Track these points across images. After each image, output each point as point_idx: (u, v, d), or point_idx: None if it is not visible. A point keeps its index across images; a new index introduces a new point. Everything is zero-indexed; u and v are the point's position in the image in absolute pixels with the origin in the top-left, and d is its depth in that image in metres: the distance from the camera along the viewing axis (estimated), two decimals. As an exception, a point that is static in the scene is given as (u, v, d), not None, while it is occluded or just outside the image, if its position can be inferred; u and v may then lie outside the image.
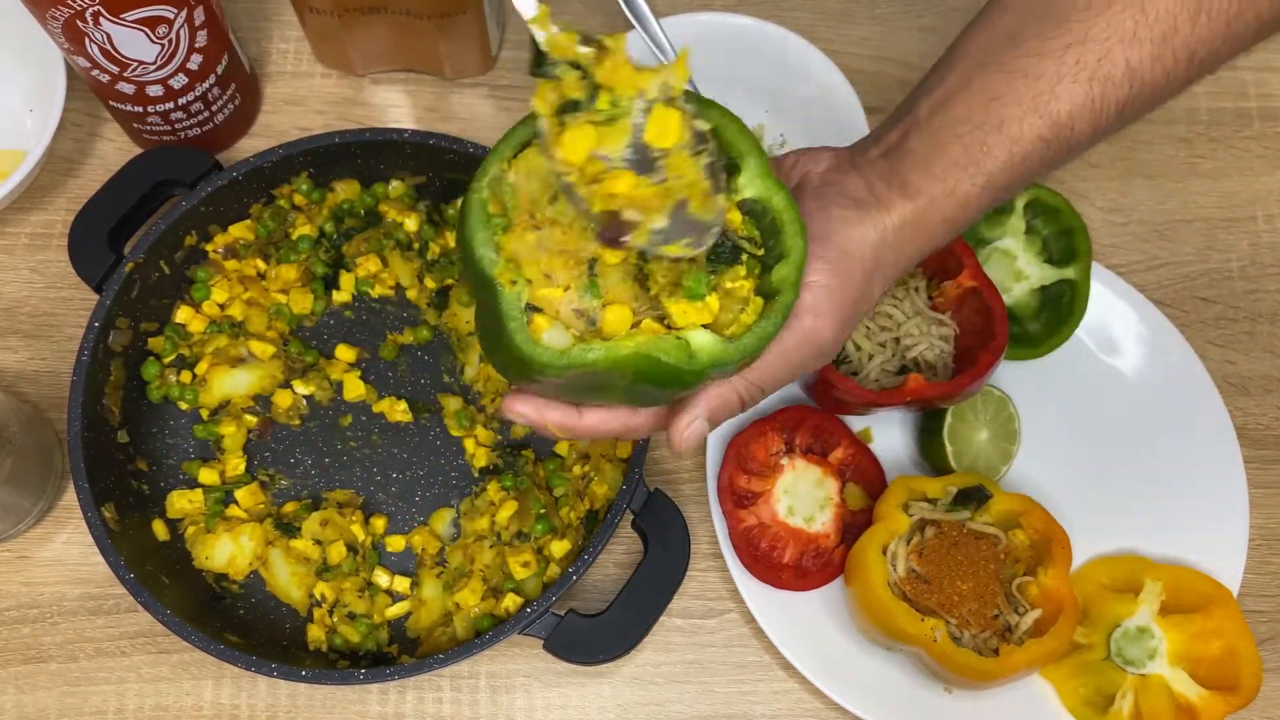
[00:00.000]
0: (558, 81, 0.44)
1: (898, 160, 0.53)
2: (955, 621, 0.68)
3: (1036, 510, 0.70)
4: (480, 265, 0.46)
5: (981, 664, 0.66)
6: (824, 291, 0.50)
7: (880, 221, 0.52)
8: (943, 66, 0.54)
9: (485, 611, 0.71)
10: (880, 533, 0.69)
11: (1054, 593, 0.68)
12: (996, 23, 0.53)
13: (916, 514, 0.70)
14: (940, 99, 0.53)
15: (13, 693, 0.72)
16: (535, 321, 0.46)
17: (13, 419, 0.70)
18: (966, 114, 0.52)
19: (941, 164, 0.52)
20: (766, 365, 0.50)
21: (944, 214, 0.53)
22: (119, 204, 0.73)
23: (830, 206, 0.52)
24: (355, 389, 0.76)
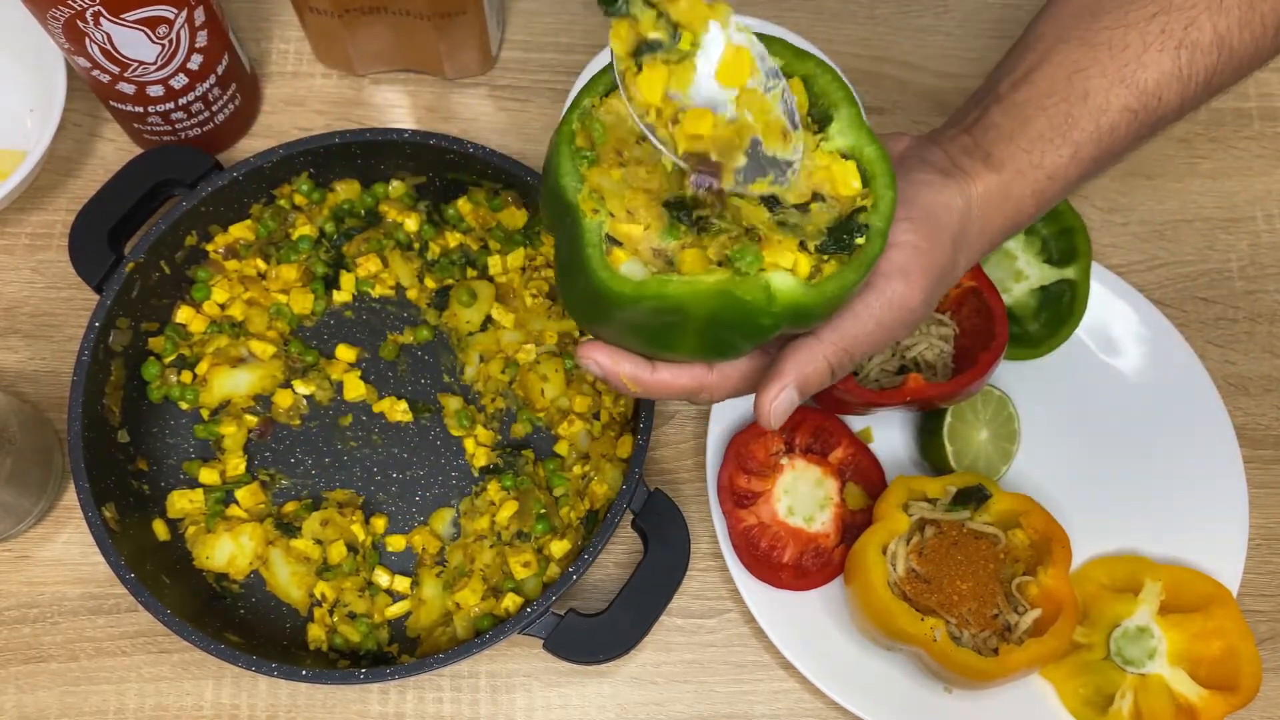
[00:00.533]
0: (633, 20, 0.43)
1: (980, 134, 0.52)
2: (955, 621, 0.68)
3: (1036, 510, 0.70)
4: (564, 193, 0.46)
5: (981, 663, 0.66)
6: (912, 251, 0.49)
7: (965, 189, 0.51)
8: (1020, 46, 0.54)
9: (485, 611, 0.71)
10: (880, 532, 0.69)
11: (1054, 592, 0.68)
12: (1066, 5, 0.53)
13: (916, 514, 0.70)
14: (1021, 75, 0.52)
15: (13, 692, 0.72)
16: (614, 254, 0.46)
17: (13, 419, 0.70)
18: (1050, 87, 0.51)
19: (1026, 136, 0.51)
20: (856, 330, 0.49)
21: (1032, 186, 0.52)
22: (119, 204, 0.73)
23: (913, 172, 0.51)
24: (356, 389, 0.77)
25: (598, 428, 0.75)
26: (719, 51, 0.43)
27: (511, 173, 0.74)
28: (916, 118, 0.88)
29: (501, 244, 0.78)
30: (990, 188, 0.51)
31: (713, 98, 0.43)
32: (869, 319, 0.49)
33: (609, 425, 0.75)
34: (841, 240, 0.46)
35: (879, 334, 0.49)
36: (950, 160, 0.52)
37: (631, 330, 0.48)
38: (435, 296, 0.79)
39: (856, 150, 0.47)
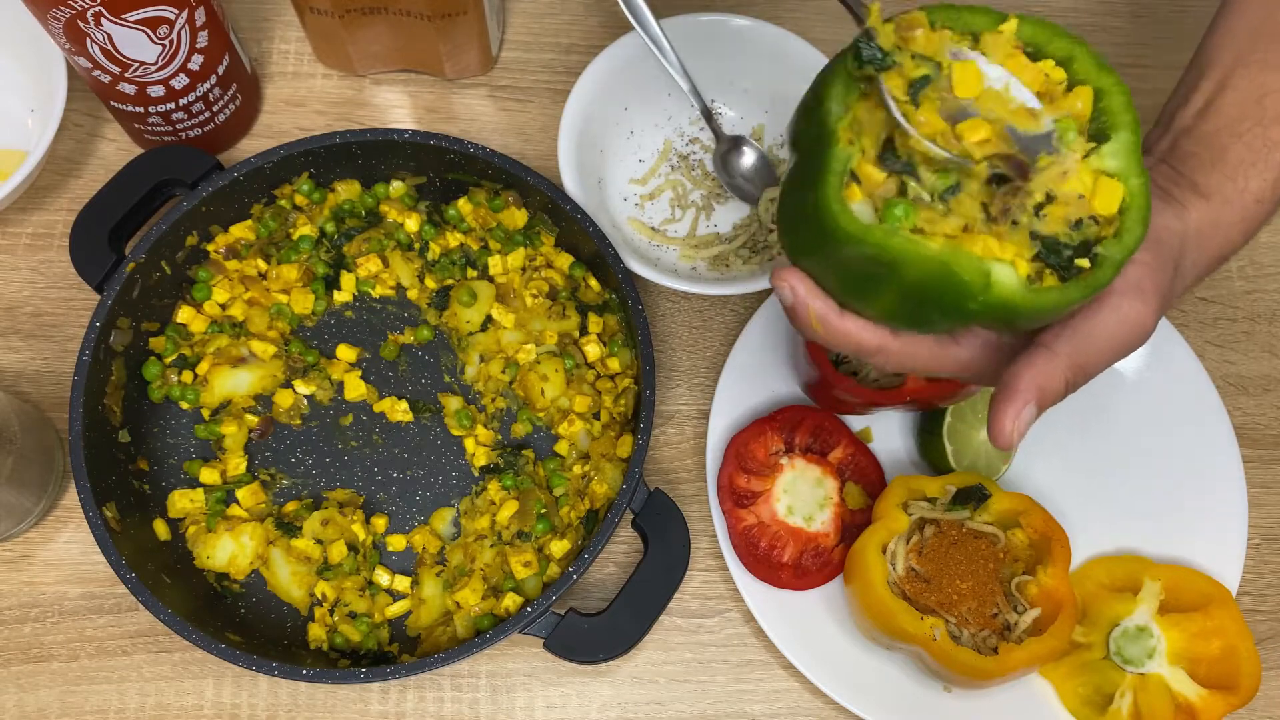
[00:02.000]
0: (900, 68, 0.47)
1: (1179, 164, 0.51)
2: (954, 620, 0.68)
3: (1035, 509, 0.70)
4: (827, 115, 0.47)
5: (981, 663, 0.66)
6: (1146, 270, 0.48)
7: (1183, 215, 0.50)
8: (1191, 75, 0.53)
9: (486, 610, 0.71)
10: (880, 532, 0.69)
11: (1053, 592, 0.68)
12: (1236, 24, 0.52)
13: (915, 513, 0.70)
14: (1201, 106, 0.52)
15: (14, 692, 0.72)
16: (850, 189, 0.46)
17: (14, 419, 0.70)
18: (1239, 113, 0.51)
19: (1228, 163, 0.51)
20: (1092, 348, 0.48)
21: (1240, 213, 0.51)
22: (120, 204, 0.73)
23: None
24: (356, 389, 0.77)
25: (598, 428, 0.75)
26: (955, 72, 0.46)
27: (512, 173, 0.74)
28: (916, 118, 0.88)
29: (502, 244, 0.78)
30: (1203, 216, 0.51)
31: (963, 108, 0.46)
32: (1105, 337, 0.48)
33: (609, 425, 0.75)
34: (1060, 255, 0.46)
35: (1114, 352, 0.49)
36: (1160, 189, 0.51)
37: (837, 269, 0.48)
38: (435, 296, 0.79)
39: (1123, 176, 0.46)
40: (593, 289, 0.77)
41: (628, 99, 0.84)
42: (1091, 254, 0.46)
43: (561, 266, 0.78)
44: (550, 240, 0.78)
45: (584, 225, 0.74)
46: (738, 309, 0.82)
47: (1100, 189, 0.46)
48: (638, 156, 0.85)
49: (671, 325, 0.82)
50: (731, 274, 0.81)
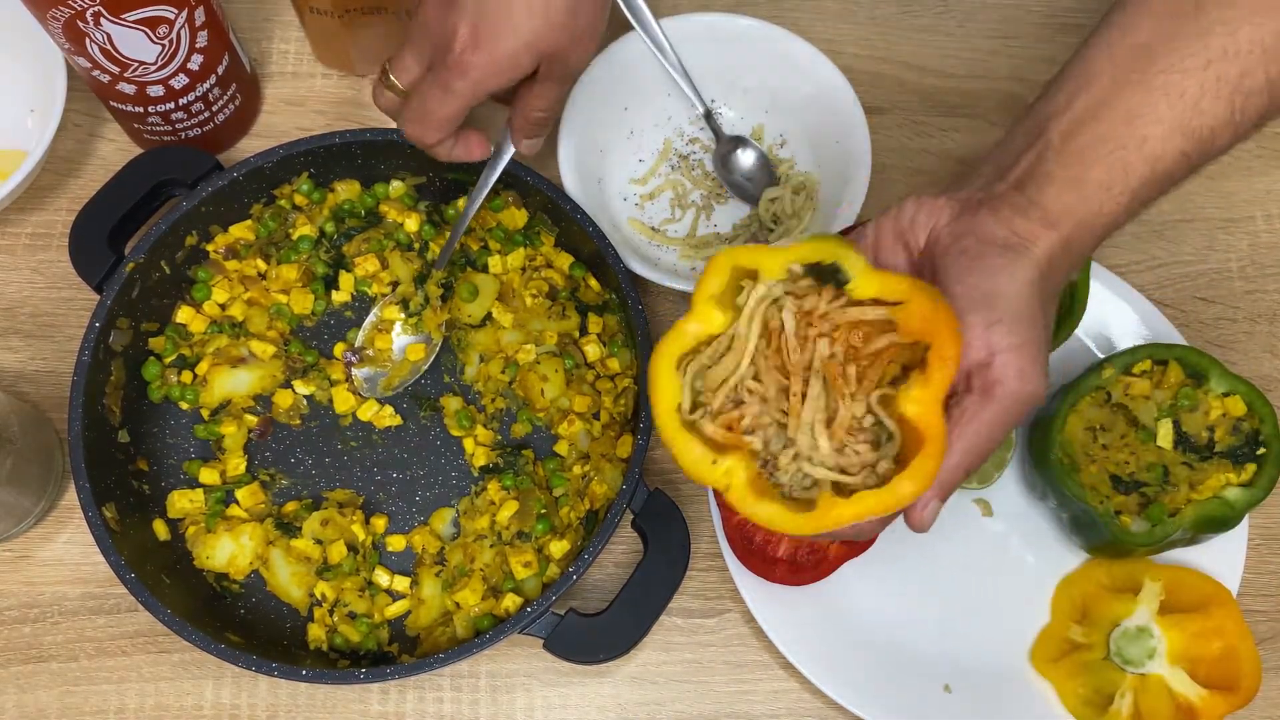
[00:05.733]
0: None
1: (1034, 190, 0.52)
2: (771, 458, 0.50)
3: (919, 297, 0.48)
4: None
5: (787, 518, 0.49)
6: (1016, 352, 0.49)
7: (1034, 258, 0.51)
8: (1068, 86, 0.53)
9: (485, 611, 0.71)
10: (679, 337, 0.51)
11: (916, 421, 0.48)
12: (1127, 37, 0.52)
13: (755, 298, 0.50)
14: (1075, 120, 0.52)
15: (13, 692, 0.72)
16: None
17: (13, 419, 0.70)
18: (1108, 133, 0.51)
19: (1085, 185, 0.51)
20: (982, 435, 0.50)
21: (1092, 233, 0.52)
22: (119, 204, 0.73)
23: (980, 260, 0.51)
24: (345, 402, 0.76)
25: (598, 428, 0.75)
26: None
27: (511, 173, 0.74)
28: (917, 117, 0.88)
29: (501, 244, 0.78)
30: (1054, 246, 0.51)
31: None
32: (993, 423, 0.50)
33: (609, 425, 0.75)
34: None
35: (1004, 430, 0.51)
36: (1009, 228, 0.51)
37: None
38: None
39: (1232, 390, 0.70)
40: (593, 289, 0.77)
41: (628, 99, 0.84)
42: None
43: (561, 266, 0.78)
44: (550, 240, 0.78)
45: (584, 225, 0.74)
46: (738, 309, 0.82)
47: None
48: (638, 156, 0.85)
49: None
50: (731, 274, 0.81)
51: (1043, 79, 0.88)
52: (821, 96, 0.82)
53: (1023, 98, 0.89)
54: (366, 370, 0.77)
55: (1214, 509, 0.70)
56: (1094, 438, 0.73)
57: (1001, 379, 0.49)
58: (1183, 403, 0.72)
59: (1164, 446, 0.72)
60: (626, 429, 0.75)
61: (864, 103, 0.81)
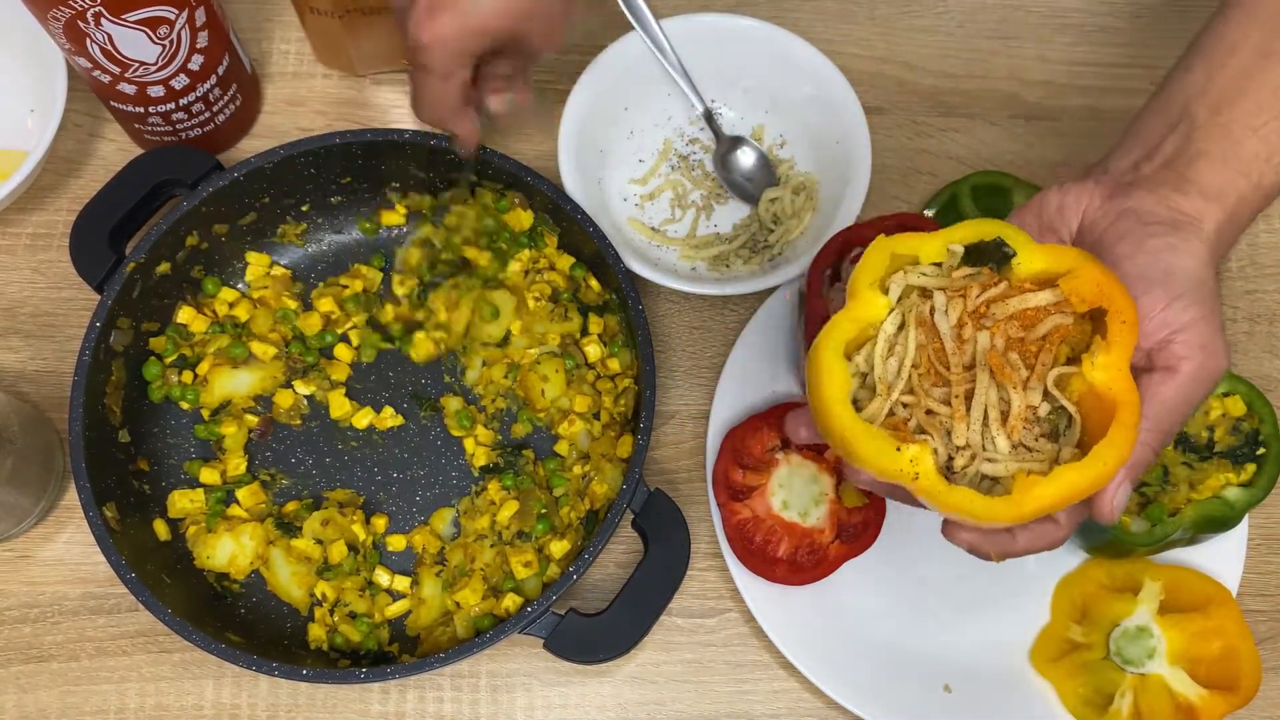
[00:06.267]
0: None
1: (1187, 167, 0.51)
2: (947, 445, 0.49)
3: (1088, 267, 0.48)
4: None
5: (983, 505, 0.47)
6: (1200, 326, 0.49)
7: (1202, 234, 0.51)
8: (1205, 60, 0.53)
9: (486, 611, 0.71)
10: (843, 324, 0.49)
11: (1105, 391, 0.47)
12: (1260, 10, 0.52)
13: (900, 286, 0.49)
14: (1221, 95, 0.52)
15: (14, 692, 0.72)
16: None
17: (14, 419, 0.70)
18: (1257, 106, 0.51)
19: (1241, 159, 0.51)
20: (1167, 413, 0.49)
21: (1253, 206, 0.52)
22: (120, 204, 0.73)
23: (1147, 240, 0.50)
24: (341, 407, 0.77)
25: (598, 428, 0.75)
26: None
27: (513, 173, 0.74)
28: (917, 117, 0.88)
29: (506, 245, 0.78)
30: (1219, 221, 0.51)
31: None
32: (1178, 400, 0.49)
33: (609, 425, 0.75)
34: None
35: (1190, 406, 0.50)
36: (1170, 206, 0.51)
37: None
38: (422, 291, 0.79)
39: (1232, 390, 0.71)
40: (593, 290, 0.77)
41: (628, 99, 0.84)
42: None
43: (563, 268, 0.78)
44: (553, 241, 0.78)
45: (584, 225, 0.74)
46: (738, 309, 0.82)
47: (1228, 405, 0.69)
48: (638, 156, 0.85)
49: (671, 325, 0.82)
50: (731, 274, 0.81)
51: (1043, 79, 0.89)
52: (821, 96, 0.82)
53: (1022, 98, 0.89)
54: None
55: (1214, 509, 0.70)
56: None
57: (1187, 354, 0.49)
58: None
59: None
60: (627, 429, 0.75)
61: (864, 103, 0.81)
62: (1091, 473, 0.45)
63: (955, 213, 0.83)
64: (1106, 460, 0.45)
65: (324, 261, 0.81)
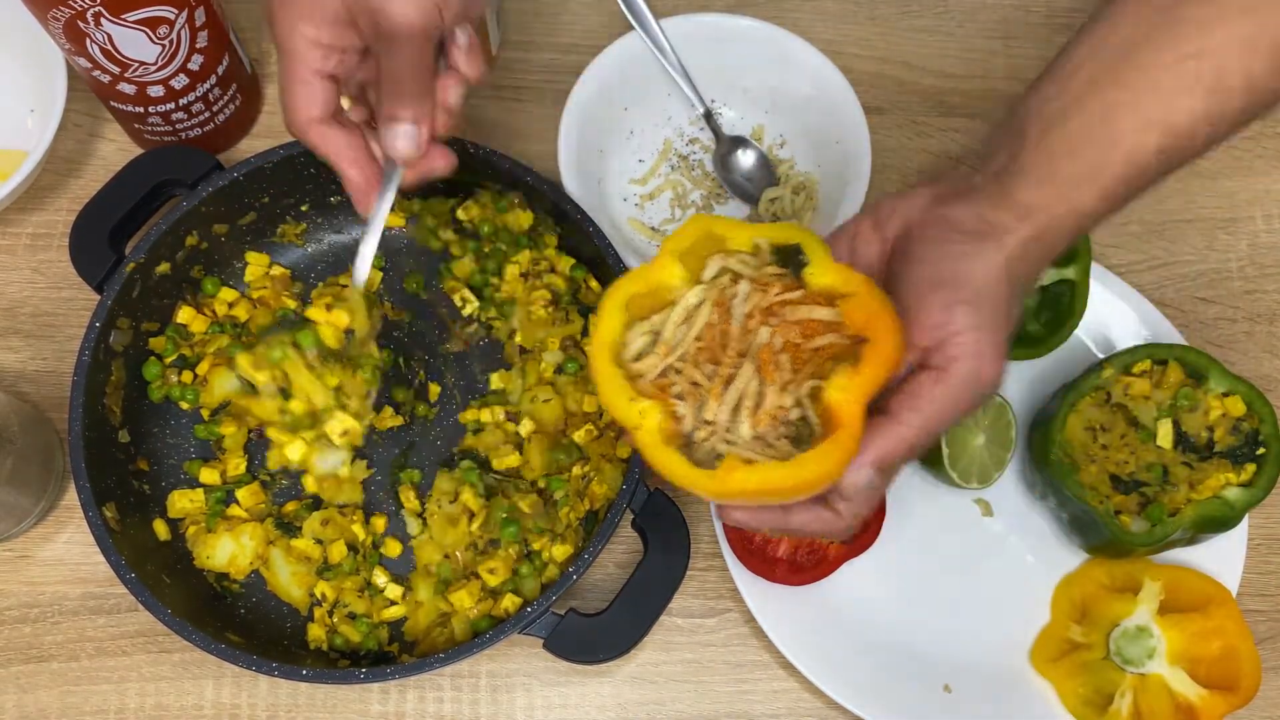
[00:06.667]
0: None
1: (1009, 182, 0.52)
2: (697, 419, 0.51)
3: (867, 297, 0.51)
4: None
5: (686, 471, 0.50)
6: (975, 333, 0.50)
7: (1003, 247, 0.51)
8: (1049, 84, 0.53)
9: (484, 612, 0.71)
10: (636, 280, 0.53)
11: (837, 411, 0.49)
12: (1107, 37, 0.52)
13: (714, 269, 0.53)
14: (1053, 116, 0.52)
15: (14, 692, 0.72)
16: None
17: (14, 419, 0.70)
18: (1080, 129, 0.51)
19: (1056, 181, 0.52)
20: (935, 412, 0.50)
21: (1064, 229, 0.52)
22: (120, 204, 0.73)
23: (947, 245, 0.52)
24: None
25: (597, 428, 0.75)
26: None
27: (512, 173, 0.74)
28: (916, 117, 0.88)
29: (508, 247, 0.78)
30: (1025, 238, 0.52)
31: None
32: (947, 401, 0.50)
33: (609, 425, 0.75)
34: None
35: (957, 412, 0.51)
36: (980, 218, 0.52)
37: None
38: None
39: (1232, 390, 0.71)
40: (594, 291, 0.77)
41: (628, 99, 0.84)
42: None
43: (563, 269, 0.78)
44: (553, 241, 0.78)
45: (584, 226, 0.74)
46: (738, 309, 0.82)
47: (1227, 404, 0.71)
48: (638, 156, 0.85)
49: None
50: (731, 274, 0.81)
51: (1043, 79, 0.89)
52: (821, 96, 0.82)
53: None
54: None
55: (1214, 509, 0.70)
56: (1094, 438, 0.73)
57: (959, 357, 0.50)
58: (1182, 403, 0.72)
59: (1164, 446, 0.72)
60: (626, 429, 0.75)
61: (864, 103, 0.81)
62: (791, 475, 0.48)
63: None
64: (804, 470, 0.48)
65: (324, 261, 0.81)
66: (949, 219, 0.52)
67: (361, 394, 0.61)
